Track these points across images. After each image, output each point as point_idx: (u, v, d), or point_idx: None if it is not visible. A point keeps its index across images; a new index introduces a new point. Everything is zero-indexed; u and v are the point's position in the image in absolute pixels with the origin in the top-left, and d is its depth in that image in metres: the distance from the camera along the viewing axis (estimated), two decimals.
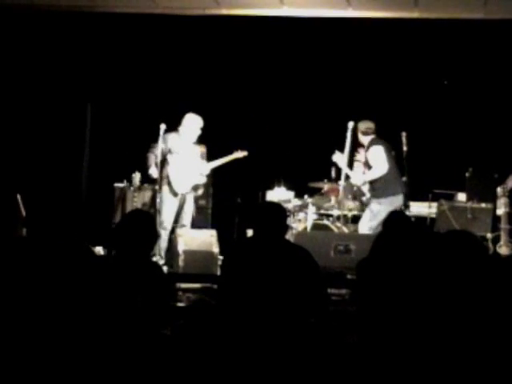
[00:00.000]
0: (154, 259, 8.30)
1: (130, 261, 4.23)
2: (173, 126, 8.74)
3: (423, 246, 4.39)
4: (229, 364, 4.18)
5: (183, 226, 8.71)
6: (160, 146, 8.58)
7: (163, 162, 8.69)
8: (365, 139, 8.58)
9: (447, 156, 9.87)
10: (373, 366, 4.06)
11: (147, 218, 4.43)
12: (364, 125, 8.59)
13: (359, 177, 8.79)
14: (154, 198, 9.01)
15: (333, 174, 9.16)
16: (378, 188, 8.44)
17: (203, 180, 8.93)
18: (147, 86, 10.72)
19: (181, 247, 8.20)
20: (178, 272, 8.05)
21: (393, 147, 8.63)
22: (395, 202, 8.32)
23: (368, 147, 8.50)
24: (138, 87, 10.74)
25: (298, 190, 9.49)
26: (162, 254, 8.59)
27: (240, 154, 9.04)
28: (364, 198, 9.02)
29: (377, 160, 8.42)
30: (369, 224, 8.32)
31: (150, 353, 4.05)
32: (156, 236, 4.54)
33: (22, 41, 10.16)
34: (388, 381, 3.97)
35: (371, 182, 8.57)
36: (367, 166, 8.59)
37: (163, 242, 8.60)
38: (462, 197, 9.44)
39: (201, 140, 8.99)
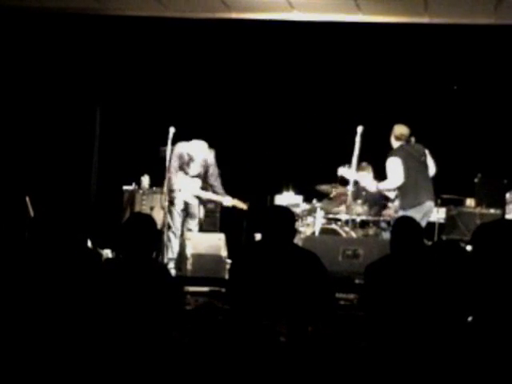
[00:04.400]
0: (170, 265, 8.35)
1: (135, 263, 4.23)
2: (181, 130, 8.70)
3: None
4: (237, 367, 4.17)
5: (189, 229, 8.70)
6: (172, 154, 8.53)
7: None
8: (395, 144, 8.39)
9: (456, 161, 9.84)
10: (381, 371, 4.05)
11: (147, 220, 4.43)
12: (399, 130, 8.38)
13: (373, 184, 8.74)
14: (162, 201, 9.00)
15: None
16: (400, 198, 8.36)
17: (193, 201, 8.75)
18: (156, 90, 10.74)
19: (189, 251, 8.20)
20: (187, 275, 8.05)
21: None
22: (422, 209, 8.10)
23: (388, 156, 8.36)
24: (147, 90, 10.75)
25: (306, 195, 9.48)
26: (175, 257, 8.58)
27: (239, 204, 8.83)
28: (390, 204, 8.96)
29: (390, 172, 8.26)
30: None
31: (158, 355, 4.05)
32: (157, 238, 4.53)
33: (31, 43, 10.19)
34: None
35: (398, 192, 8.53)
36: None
37: (175, 246, 8.58)
38: (470, 202, 9.41)
39: (210, 144, 8.92)
